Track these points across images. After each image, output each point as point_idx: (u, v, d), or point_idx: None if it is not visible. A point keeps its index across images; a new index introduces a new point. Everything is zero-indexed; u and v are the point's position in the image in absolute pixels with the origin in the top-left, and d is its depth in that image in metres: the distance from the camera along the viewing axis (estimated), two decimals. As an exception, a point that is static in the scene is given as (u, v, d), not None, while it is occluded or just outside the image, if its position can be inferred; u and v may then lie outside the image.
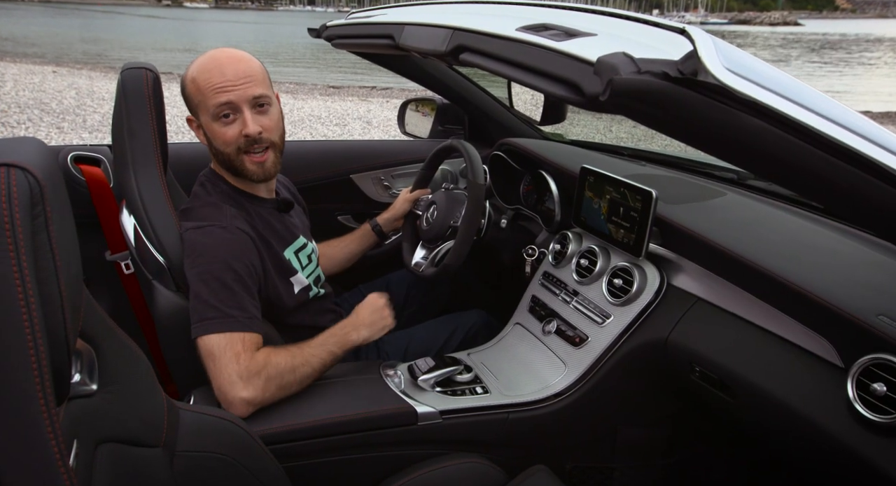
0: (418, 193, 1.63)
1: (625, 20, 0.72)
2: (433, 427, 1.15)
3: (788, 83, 0.59)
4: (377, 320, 1.25)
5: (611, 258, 1.30)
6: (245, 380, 1.05)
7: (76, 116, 6.82)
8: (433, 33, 1.01)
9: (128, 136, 1.18)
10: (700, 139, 0.61)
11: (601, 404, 1.22)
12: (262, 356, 1.08)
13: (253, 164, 1.20)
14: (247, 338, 1.09)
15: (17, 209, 0.50)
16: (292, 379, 1.10)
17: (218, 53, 1.18)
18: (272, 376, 1.08)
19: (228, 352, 1.06)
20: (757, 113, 0.56)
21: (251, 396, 1.05)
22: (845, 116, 0.59)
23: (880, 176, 0.57)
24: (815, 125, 0.56)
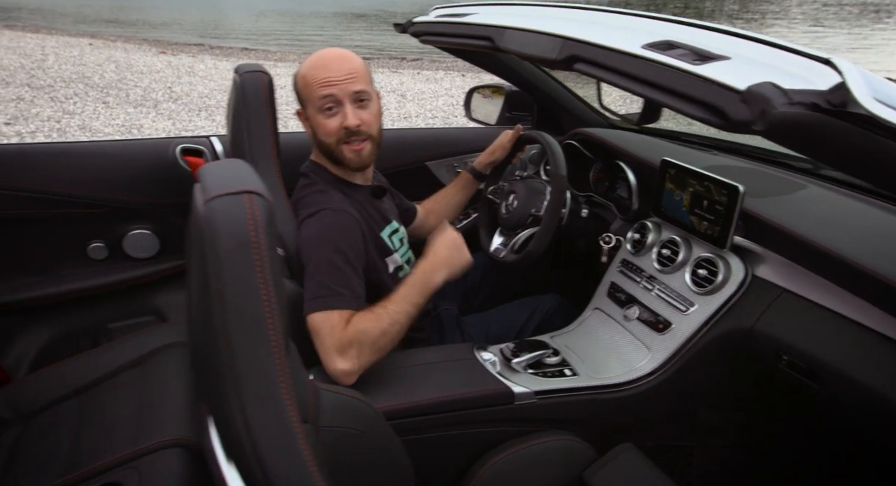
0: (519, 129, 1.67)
1: (756, 43, 0.77)
2: (528, 407, 1.25)
3: None
4: (455, 257, 1.27)
5: (692, 249, 1.37)
6: (340, 352, 1.13)
7: (119, 90, 6.96)
8: (542, 40, 1.06)
9: (246, 133, 1.27)
10: (850, 167, 0.67)
11: (683, 387, 1.30)
12: (352, 327, 1.15)
13: (351, 152, 1.29)
14: (345, 314, 1.17)
15: (260, 230, 0.59)
16: (384, 342, 1.17)
17: (326, 53, 1.27)
18: (364, 343, 1.14)
19: (326, 326, 1.15)
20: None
21: (347, 367, 1.13)
22: None
23: None
24: None
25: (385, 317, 1.18)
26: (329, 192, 1.29)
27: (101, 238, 1.59)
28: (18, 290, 1.53)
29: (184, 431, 1.23)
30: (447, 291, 1.78)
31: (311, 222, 1.24)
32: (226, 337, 0.59)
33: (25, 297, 1.53)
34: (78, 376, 1.43)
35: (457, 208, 1.73)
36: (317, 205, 1.26)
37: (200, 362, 0.68)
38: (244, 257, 0.58)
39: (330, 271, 1.19)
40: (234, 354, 0.59)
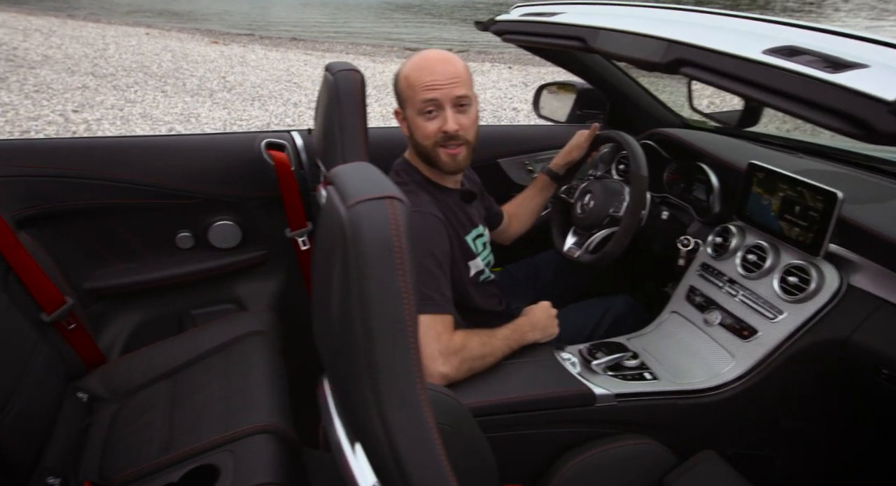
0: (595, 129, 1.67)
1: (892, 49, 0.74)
2: (609, 409, 1.25)
3: None
4: (548, 326, 1.37)
5: (781, 255, 1.34)
6: (444, 357, 1.18)
7: (175, 79, 7.16)
8: (644, 42, 1.05)
9: (339, 130, 1.29)
10: None
11: (768, 395, 1.28)
12: (460, 339, 1.20)
13: (447, 156, 1.30)
14: (445, 319, 1.21)
15: (402, 234, 0.61)
16: (480, 365, 1.23)
17: (430, 54, 1.28)
18: (466, 358, 1.20)
19: (431, 331, 1.18)
20: None
21: (447, 372, 1.18)
22: None
23: None
24: None
25: (489, 344, 1.26)
26: (418, 193, 1.30)
27: (188, 228, 1.65)
28: (114, 276, 1.60)
29: (271, 418, 1.28)
30: (519, 290, 1.79)
31: None
32: (367, 338, 0.61)
33: (120, 282, 1.61)
34: (167, 359, 1.50)
35: (536, 211, 1.73)
36: None
37: (333, 360, 0.71)
38: (388, 261, 0.60)
39: (423, 273, 1.21)
40: (374, 354, 0.61)
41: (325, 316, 0.69)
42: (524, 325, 1.34)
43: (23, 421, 1.12)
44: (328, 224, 0.67)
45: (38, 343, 1.27)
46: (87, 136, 4.46)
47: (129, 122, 5.26)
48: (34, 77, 6.45)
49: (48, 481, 1.12)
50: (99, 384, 1.43)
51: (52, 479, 1.12)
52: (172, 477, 1.13)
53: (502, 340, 1.29)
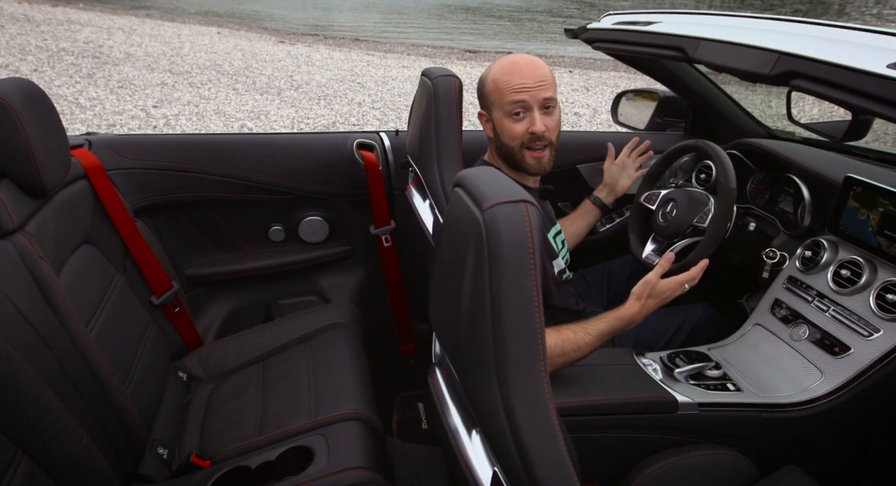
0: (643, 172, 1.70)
1: None
2: (690, 417, 1.25)
3: None
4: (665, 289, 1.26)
5: (878, 271, 1.31)
6: None
7: (246, 77, 7.43)
8: (751, 53, 1.06)
9: (435, 134, 1.35)
10: None
11: (858, 413, 1.25)
12: (556, 334, 1.19)
13: (533, 158, 1.34)
14: None
15: (535, 235, 0.64)
16: (561, 361, 1.21)
17: (518, 58, 1.32)
18: (555, 355, 1.20)
19: None
20: None
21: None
22: None
23: None
24: None
25: (572, 343, 1.20)
26: None
27: (280, 222, 1.74)
28: (212, 264, 1.71)
29: (358, 406, 1.34)
30: (592, 294, 1.80)
31: None
32: (498, 332, 0.64)
33: (217, 271, 1.71)
34: (257, 345, 1.58)
35: (577, 235, 1.73)
36: None
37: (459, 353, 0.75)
38: (522, 261, 0.64)
39: None
40: (504, 347, 0.65)
41: (451, 309, 0.73)
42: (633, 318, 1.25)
43: (139, 394, 1.21)
44: (457, 225, 0.72)
45: (149, 324, 1.38)
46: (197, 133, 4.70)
47: (203, 118, 5.50)
48: (118, 73, 6.82)
49: (159, 451, 1.21)
50: (196, 365, 1.53)
51: (162, 449, 1.22)
52: (270, 456, 1.20)
53: (595, 334, 1.23)
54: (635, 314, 1.27)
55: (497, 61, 1.35)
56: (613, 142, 2.01)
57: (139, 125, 5.05)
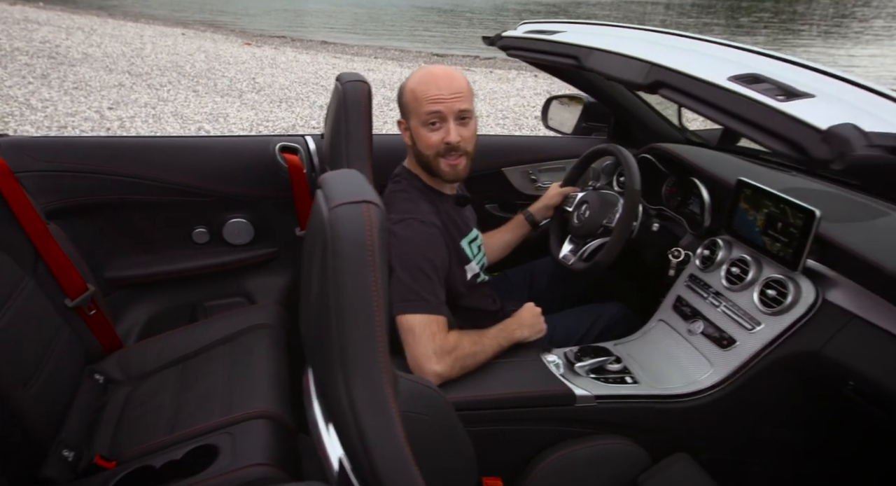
0: (569, 189, 1.76)
1: (838, 80, 0.80)
2: (588, 409, 1.31)
3: None
4: (535, 324, 1.43)
5: (763, 269, 1.38)
6: (439, 356, 1.25)
7: (208, 79, 7.37)
8: (630, 64, 1.12)
9: (345, 138, 1.38)
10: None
11: (744, 403, 1.32)
12: (454, 338, 1.28)
13: (448, 166, 1.39)
14: (440, 320, 1.28)
15: (375, 235, 0.69)
16: (471, 363, 1.30)
17: (435, 70, 1.37)
18: (459, 357, 1.27)
19: (427, 331, 1.26)
20: None
21: (441, 370, 1.25)
22: None
23: None
24: None
25: (480, 343, 1.33)
26: (417, 200, 1.39)
27: (204, 224, 1.76)
28: (134, 267, 1.72)
29: (270, 405, 1.37)
30: (515, 294, 1.86)
31: (400, 228, 1.34)
32: (339, 326, 0.69)
33: (139, 273, 1.72)
34: (179, 347, 1.60)
35: (502, 248, 1.79)
36: (405, 212, 1.36)
37: (313, 346, 0.79)
38: (362, 258, 0.68)
39: (418, 276, 1.29)
40: (345, 341, 0.69)
41: (306, 306, 0.77)
42: (511, 324, 1.41)
43: (44, 396, 1.22)
44: (314, 224, 0.76)
45: (61, 326, 1.38)
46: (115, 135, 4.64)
47: (160, 120, 5.45)
48: (74, 74, 6.71)
49: (63, 453, 1.22)
50: (115, 367, 1.54)
51: (67, 452, 1.23)
52: (175, 455, 1.22)
53: (492, 338, 1.35)
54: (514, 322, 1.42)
55: (416, 71, 1.40)
56: (540, 146, 2.07)
57: (92, 127, 4.98)
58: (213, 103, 6.28)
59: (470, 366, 1.29)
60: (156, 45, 9.37)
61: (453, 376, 1.27)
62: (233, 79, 7.52)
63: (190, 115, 5.74)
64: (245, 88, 7.07)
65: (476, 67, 10.11)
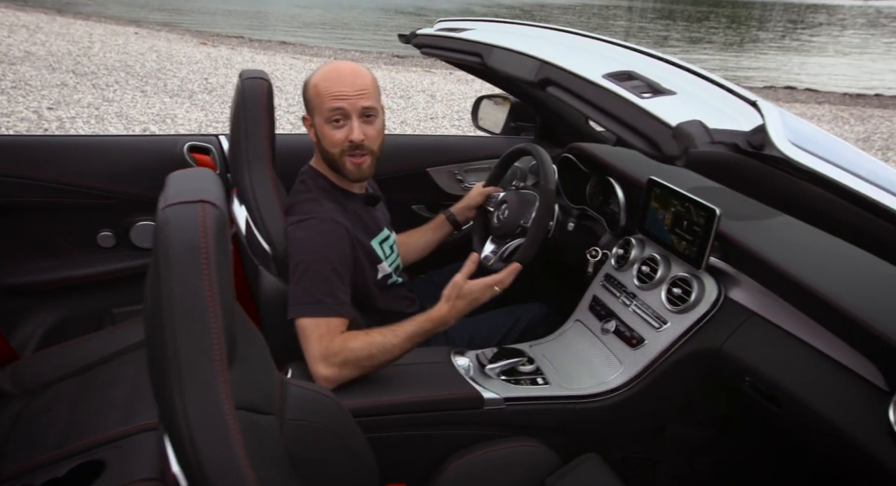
0: (491, 189, 1.75)
1: (703, 80, 0.80)
2: (497, 412, 1.29)
3: (847, 154, 0.67)
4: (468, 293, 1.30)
5: (671, 267, 1.39)
6: (325, 360, 1.21)
7: (157, 79, 7.18)
8: (523, 61, 1.10)
9: (244, 137, 1.34)
10: (767, 200, 0.70)
11: (653, 402, 1.33)
12: (340, 341, 1.22)
13: (353, 164, 1.35)
14: (332, 323, 1.24)
15: (210, 237, 0.65)
16: (369, 363, 1.24)
17: (340, 65, 1.33)
18: (349, 359, 1.22)
19: (314, 334, 1.22)
20: (817, 182, 0.64)
21: (329, 374, 1.21)
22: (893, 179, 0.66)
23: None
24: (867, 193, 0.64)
25: (379, 345, 1.23)
26: (321, 200, 1.35)
27: (110, 227, 1.69)
28: (32, 272, 1.64)
29: None
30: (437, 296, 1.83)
31: (299, 229, 1.30)
32: (172, 331, 0.65)
33: (38, 279, 1.64)
34: (80, 356, 1.52)
35: (423, 248, 1.76)
36: (305, 213, 1.32)
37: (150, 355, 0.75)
38: (193, 261, 0.64)
39: (316, 278, 1.25)
40: (177, 346, 0.65)
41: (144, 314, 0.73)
42: (442, 319, 1.28)
43: None
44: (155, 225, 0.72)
45: None
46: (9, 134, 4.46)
47: (103, 121, 5.27)
48: (13, 73, 6.45)
49: None
50: (7, 381, 1.45)
51: None
52: (59, 472, 1.16)
53: (403, 336, 1.25)
54: (445, 315, 1.29)
55: (321, 67, 1.36)
56: (467, 145, 2.06)
57: (28, 128, 4.79)
58: (162, 104, 6.11)
59: (369, 367, 1.24)
60: (105, 44, 9.09)
61: (345, 380, 1.23)
62: (184, 79, 7.34)
63: (135, 116, 5.57)
64: (196, 89, 6.91)
65: (436, 69, 10.10)
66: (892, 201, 0.65)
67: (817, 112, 7.83)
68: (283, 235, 1.31)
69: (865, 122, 7.29)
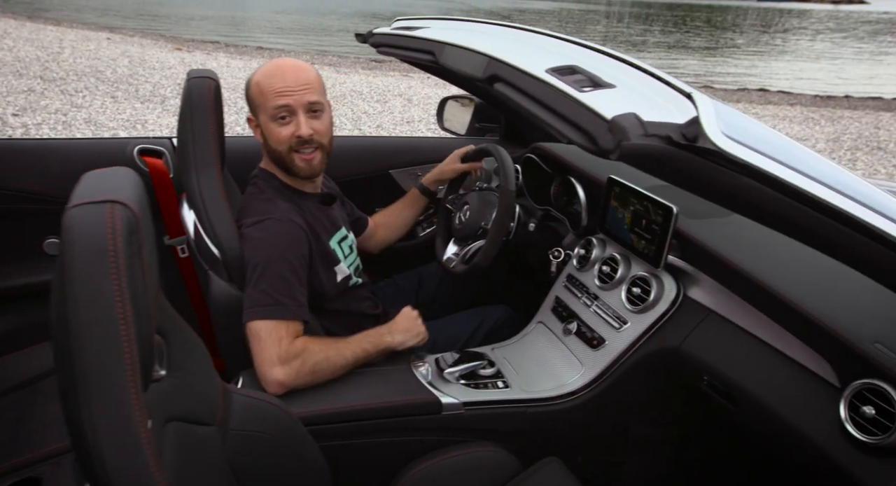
0: (467, 166, 1.70)
1: (643, 73, 0.78)
2: (456, 417, 1.26)
3: (781, 145, 0.65)
4: (411, 328, 1.35)
5: (631, 267, 1.37)
6: (282, 362, 1.17)
7: (129, 85, 7.06)
8: (472, 58, 1.08)
9: (191, 138, 1.30)
10: (701, 192, 0.68)
11: (614, 403, 1.31)
12: (301, 343, 1.20)
13: (302, 161, 1.32)
14: (291, 325, 1.21)
15: (119, 240, 0.61)
16: (325, 368, 1.22)
17: (282, 62, 1.30)
18: (307, 362, 1.19)
19: (273, 335, 1.18)
20: (750, 174, 0.62)
21: (284, 377, 1.17)
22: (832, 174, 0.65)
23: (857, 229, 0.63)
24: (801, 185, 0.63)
25: (334, 348, 1.23)
26: (275, 200, 1.31)
27: (57, 234, 1.62)
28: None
29: None
30: (401, 300, 1.80)
31: (255, 230, 1.26)
32: (77, 340, 0.61)
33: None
34: (24, 370, 1.46)
35: (404, 223, 1.75)
36: (261, 213, 1.28)
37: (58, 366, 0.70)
38: (100, 265, 0.60)
39: (275, 279, 1.21)
40: (84, 357, 0.61)
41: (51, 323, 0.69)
42: (382, 329, 1.33)
43: None
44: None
45: None
46: None
47: (70, 127, 5.17)
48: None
49: None
50: (-55, 395, 1.39)
51: None
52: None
53: (355, 342, 1.27)
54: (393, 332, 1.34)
55: (262, 66, 1.33)
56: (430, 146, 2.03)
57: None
58: (133, 109, 6.01)
59: (324, 372, 1.21)
60: (76, 50, 8.93)
61: (300, 384, 1.19)
62: (157, 84, 7.23)
63: (104, 121, 5.47)
64: (169, 94, 6.80)
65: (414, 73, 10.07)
66: (828, 194, 0.63)
67: (789, 113, 7.96)
68: (232, 239, 1.27)
69: (835, 122, 7.41)
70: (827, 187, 0.63)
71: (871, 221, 0.63)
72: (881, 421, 0.87)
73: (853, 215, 0.63)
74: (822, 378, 0.99)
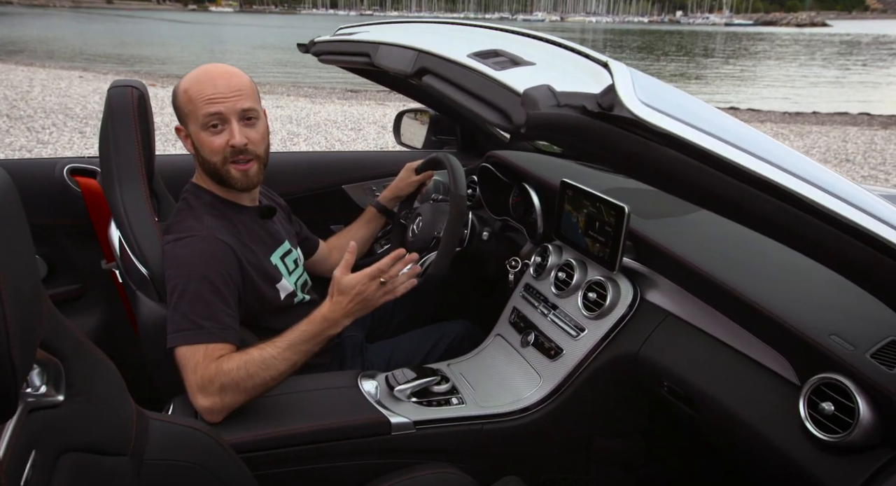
0: (421, 178, 1.65)
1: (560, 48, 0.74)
2: (407, 437, 1.17)
3: (702, 113, 0.60)
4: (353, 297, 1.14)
5: (587, 272, 1.32)
6: (201, 389, 1.08)
7: (98, 121, 6.99)
8: (402, 54, 1.04)
9: (113, 151, 1.23)
10: (622, 167, 0.63)
11: (575, 415, 1.23)
12: (216, 366, 1.09)
13: (238, 172, 1.24)
14: (210, 348, 1.11)
15: None
16: (253, 384, 1.09)
17: (211, 67, 1.23)
18: (226, 384, 1.08)
19: (191, 362, 1.09)
20: (670, 143, 0.57)
21: (210, 404, 1.08)
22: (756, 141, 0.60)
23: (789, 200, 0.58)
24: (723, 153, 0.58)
25: (257, 361, 1.10)
26: (203, 217, 1.23)
27: None
28: None
29: None
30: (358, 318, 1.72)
31: (175, 248, 1.18)
32: None
33: None
34: None
35: (362, 243, 1.68)
36: (185, 230, 1.20)
37: None
38: None
39: (195, 301, 1.13)
40: None
41: None
42: (327, 318, 1.13)
43: None
44: None
45: None
46: None
47: (35, 162, 5.07)
48: (-58, 119, 6.21)
49: None
50: None
51: None
52: None
53: (284, 347, 1.12)
54: (326, 313, 1.14)
55: (190, 72, 1.26)
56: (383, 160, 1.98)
57: (-49, 172, 4.55)
58: (101, 144, 5.94)
59: (252, 387, 1.09)
60: (46, 88, 8.88)
61: (230, 407, 1.09)
62: (127, 119, 7.18)
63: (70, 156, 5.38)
64: (139, 128, 6.75)
65: (390, 102, 10.14)
66: (754, 163, 0.58)
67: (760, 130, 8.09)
68: (160, 255, 1.19)
69: (804, 137, 7.54)
70: (754, 156, 0.58)
71: (803, 191, 0.58)
72: (841, 418, 0.81)
73: (783, 185, 0.57)
74: (781, 377, 0.93)
